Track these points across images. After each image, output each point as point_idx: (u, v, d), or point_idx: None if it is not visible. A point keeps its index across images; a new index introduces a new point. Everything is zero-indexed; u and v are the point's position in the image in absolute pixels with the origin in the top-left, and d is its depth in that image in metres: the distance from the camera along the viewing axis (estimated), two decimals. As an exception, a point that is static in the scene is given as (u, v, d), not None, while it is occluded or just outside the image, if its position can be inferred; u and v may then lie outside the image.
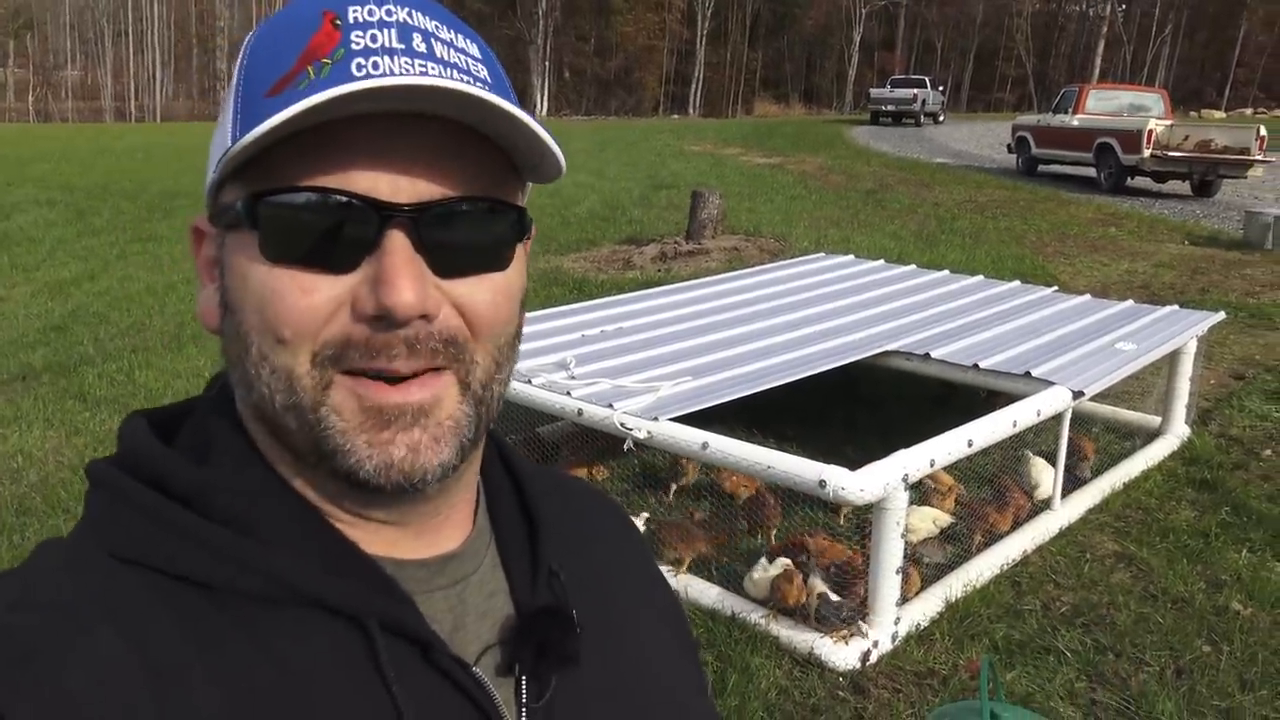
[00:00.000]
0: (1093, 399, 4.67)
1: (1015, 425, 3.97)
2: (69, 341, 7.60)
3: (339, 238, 0.56)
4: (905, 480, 3.39)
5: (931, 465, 3.55)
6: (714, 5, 70.40)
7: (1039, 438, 5.04)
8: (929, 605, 3.70)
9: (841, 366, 4.68)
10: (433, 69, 0.56)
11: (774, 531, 4.15)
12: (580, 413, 4.02)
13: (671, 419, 3.80)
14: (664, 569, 3.83)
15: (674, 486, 4.73)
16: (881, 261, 7.07)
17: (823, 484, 3.28)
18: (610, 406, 3.91)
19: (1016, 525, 4.32)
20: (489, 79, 0.60)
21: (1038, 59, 66.91)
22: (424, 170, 0.57)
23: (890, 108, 35.80)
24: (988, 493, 4.52)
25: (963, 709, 2.52)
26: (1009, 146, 19.91)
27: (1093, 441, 5.08)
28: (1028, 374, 4.38)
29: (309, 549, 0.60)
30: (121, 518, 0.59)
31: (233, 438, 0.63)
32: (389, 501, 0.62)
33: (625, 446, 3.92)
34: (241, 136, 0.55)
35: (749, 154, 22.33)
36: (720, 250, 10.43)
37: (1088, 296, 6.09)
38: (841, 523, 4.38)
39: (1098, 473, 4.89)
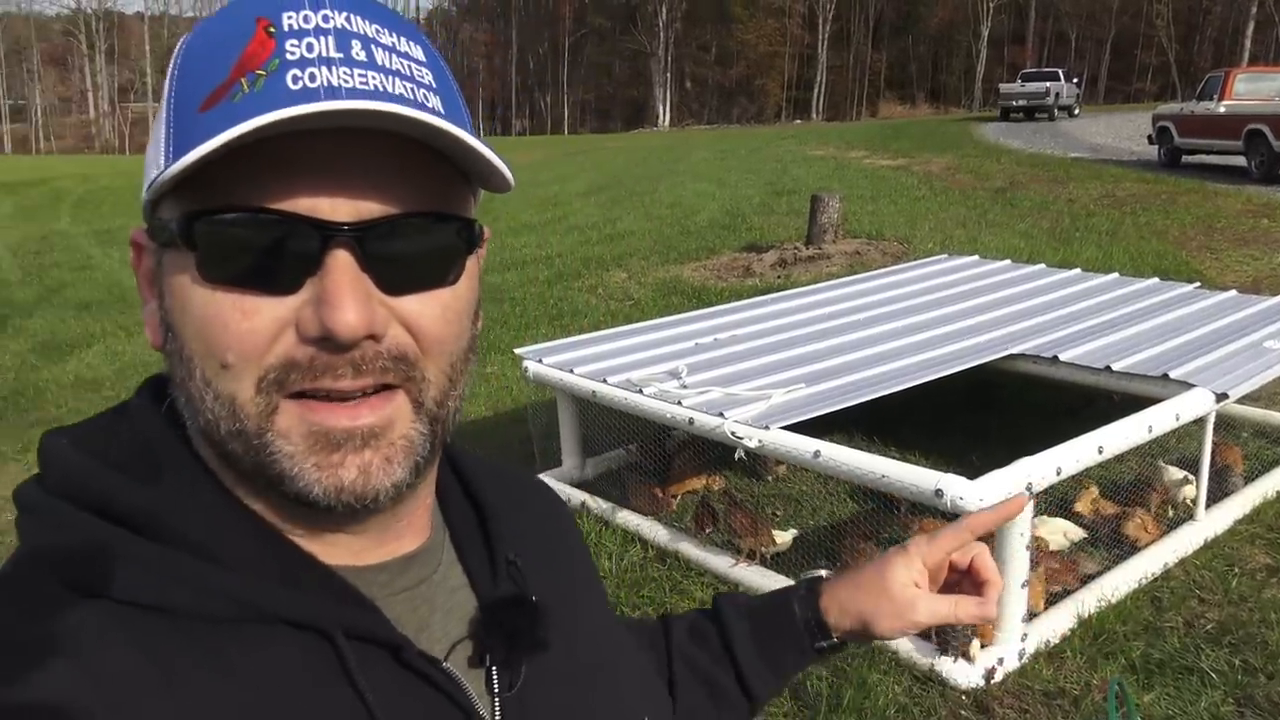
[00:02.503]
0: (1240, 401, 4.38)
1: (1151, 431, 3.75)
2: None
3: (280, 258, 0.54)
4: (1029, 489, 3.23)
5: (1058, 474, 3.37)
6: (835, 8, 69.55)
7: (1180, 444, 4.76)
8: (1059, 621, 3.51)
9: (964, 371, 4.51)
10: (374, 79, 0.54)
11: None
12: (691, 421, 3.98)
13: (783, 427, 3.72)
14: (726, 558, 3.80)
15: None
16: (1008, 261, 6.80)
17: (939, 493, 3.15)
18: (721, 415, 3.86)
19: (1152, 538, 4.07)
20: (433, 84, 0.58)
21: (1180, 45, 63.71)
22: (367, 187, 0.55)
23: (1021, 103, 34.58)
24: (1122, 503, 4.28)
25: (1091, 733, 2.37)
26: (1149, 138, 18.98)
27: (1240, 448, 4.76)
28: (1165, 376, 4.12)
29: (267, 566, 0.59)
30: (62, 545, 0.57)
31: (182, 456, 0.61)
32: (343, 519, 0.61)
33: (736, 455, 3.85)
34: (175, 157, 0.53)
35: (873, 157, 21.91)
36: (841, 255, 10.24)
37: (1234, 293, 5.72)
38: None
39: (1248, 480, 4.57)
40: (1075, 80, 39.08)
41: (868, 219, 12.46)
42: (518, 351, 5.04)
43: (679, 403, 4.05)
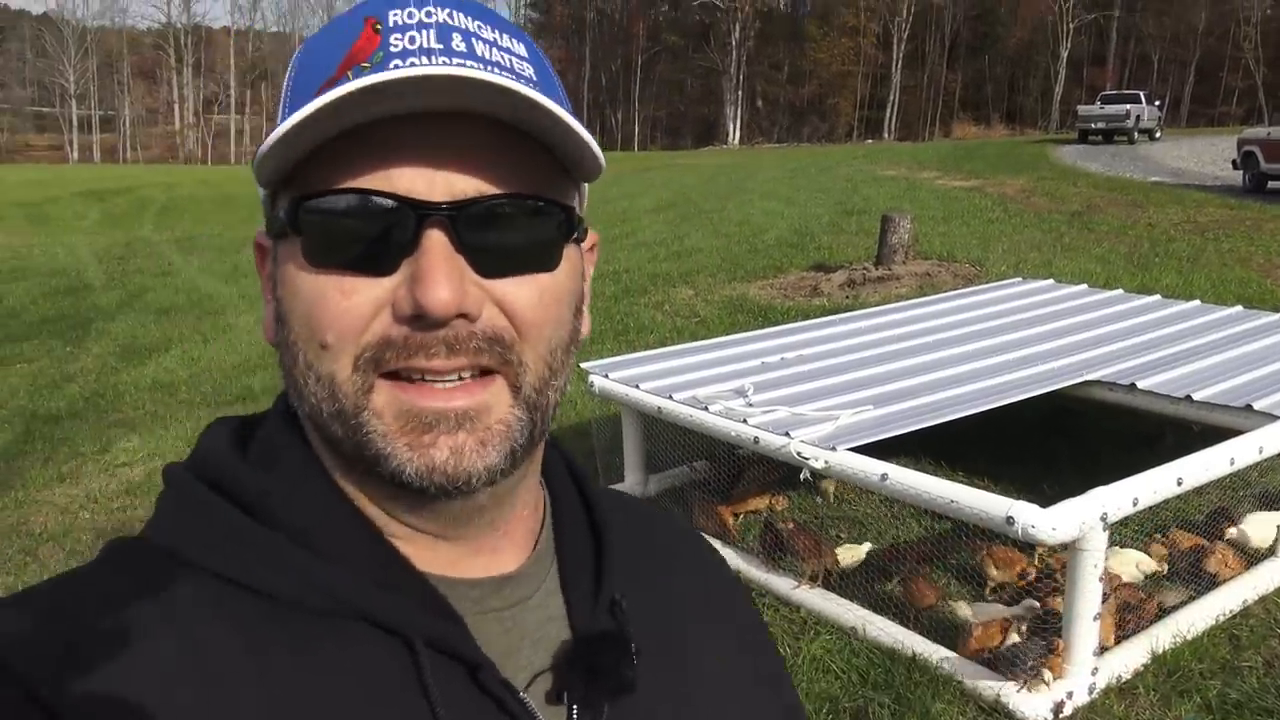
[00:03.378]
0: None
1: (1233, 463, 3.63)
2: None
3: (377, 238, 0.55)
4: (1104, 520, 3.14)
5: (1134, 504, 3.28)
6: (910, 27, 69.01)
7: (1264, 478, 4.61)
8: (1132, 656, 3.42)
9: (1037, 397, 4.42)
10: (472, 67, 0.55)
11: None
12: (757, 440, 3.95)
13: (850, 449, 3.68)
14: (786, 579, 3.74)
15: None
16: (1084, 286, 6.66)
17: (1010, 520, 3.08)
18: (787, 435, 3.83)
19: (1233, 573, 3.94)
20: (534, 77, 0.59)
21: (1269, 68, 61.89)
22: (463, 167, 0.56)
23: (1100, 125, 33.89)
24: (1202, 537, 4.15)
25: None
26: (1234, 162, 18.47)
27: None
28: (1249, 407, 4.00)
29: (361, 562, 0.59)
30: (184, 520, 0.60)
31: (295, 446, 0.63)
32: (439, 509, 0.61)
33: (801, 477, 3.82)
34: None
35: (945, 177, 21.63)
36: (911, 276, 10.12)
37: (1322, 323, 5.53)
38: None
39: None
40: (1157, 103, 38.22)
41: (939, 240, 12.30)
42: (584, 366, 5.06)
43: (745, 421, 4.03)
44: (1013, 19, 72.01)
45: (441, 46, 0.56)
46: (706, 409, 4.22)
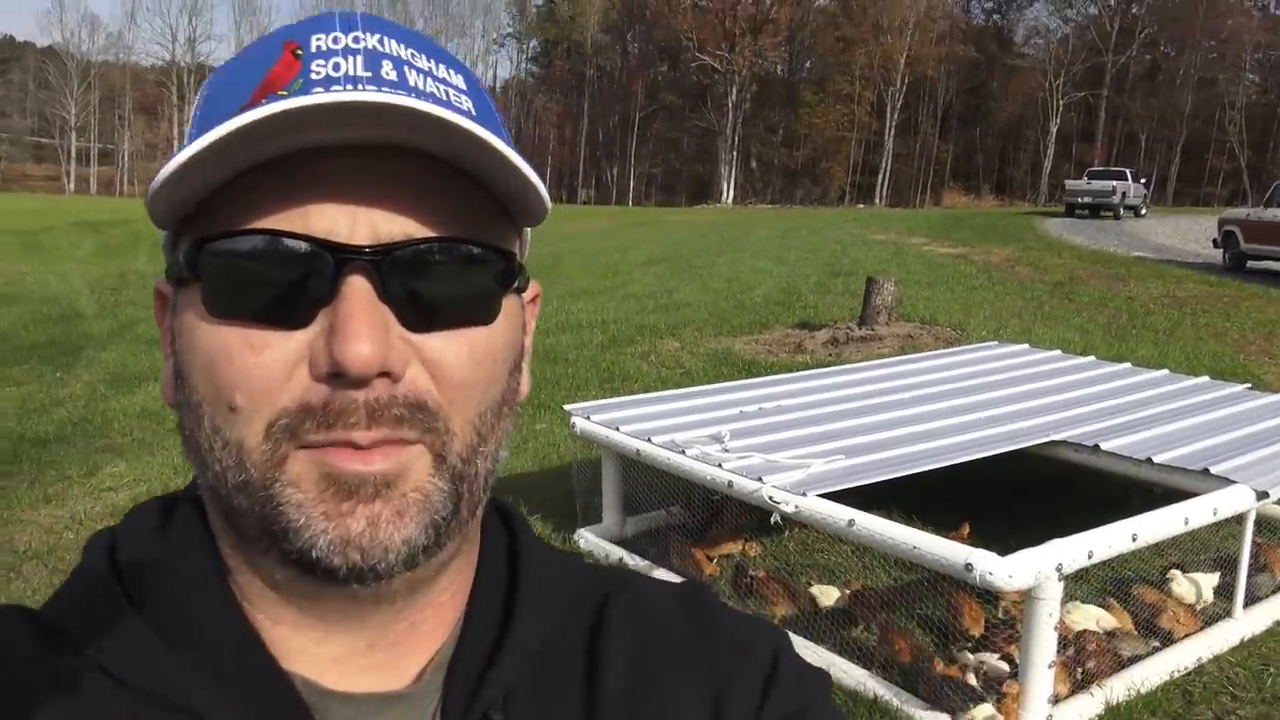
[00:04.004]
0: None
1: (1187, 523, 3.77)
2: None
3: (291, 286, 0.50)
4: (1059, 570, 3.27)
5: (1089, 557, 3.41)
6: (904, 97, 70.28)
7: (1226, 543, 4.74)
8: (1086, 706, 3.52)
9: (1006, 457, 4.56)
10: (401, 95, 0.49)
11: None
12: (730, 484, 4.08)
13: (820, 494, 3.80)
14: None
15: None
16: (1058, 352, 6.84)
17: (969, 567, 3.21)
18: (760, 480, 3.95)
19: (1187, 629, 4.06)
20: (472, 110, 0.53)
21: (1253, 152, 63.24)
22: (389, 207, 0.51)
23: (1087, 200, 34.48)
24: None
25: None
26: (1215, 241, 18.89)
27: (1283, 549, 4.72)
28: (1206, 471, 4.15)
29: (220, 655, 0.54)
30: (75, 596, 0.58)
31: (190, 521, 0.58)
32: (343, 595, 0.54)
33: (773, 520, 3.94)
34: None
35: (933, 244, 21.99)
36: (894, 337, 10.31)
37: (1285, 395, 5.71)
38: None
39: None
40: (1143, 180, 38.92)
41: (923, 304, 12.53)
42: (567, 407, 5.19)
43: (720, 465, 4.16)
44: (1004, 93, 73.45)
45: (370, 74, 0.50)
46: (684, 452, 4.35)
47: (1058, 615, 3.31)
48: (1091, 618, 4.14)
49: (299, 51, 0.51)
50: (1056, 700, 3.41)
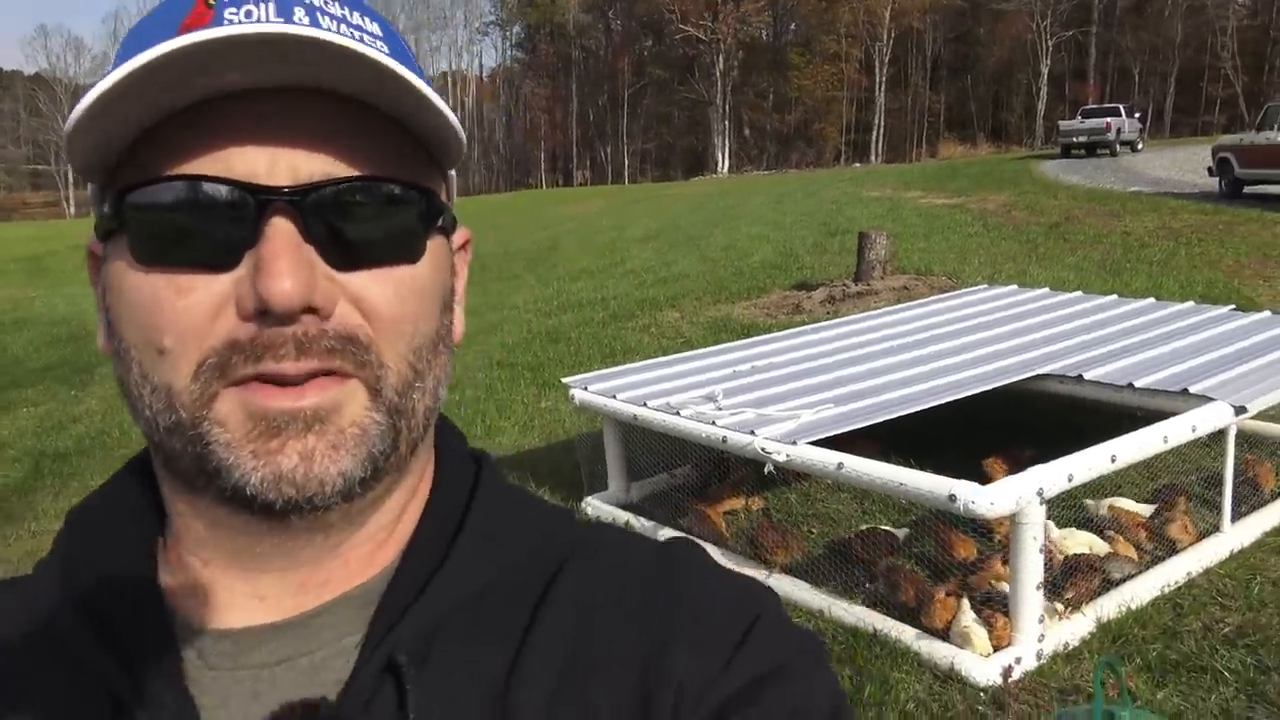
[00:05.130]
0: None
1: (1166, 441, 3.89)
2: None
3: (214, 229, 0.51)
4: (1040, 494, 3.40)
5: (1069, 480, 3.54)
6: (891, 51, 69.87)
7: (1215, 461, 4.86)
8: (1079, 625, 3.65)
9: (997, 395, 4.68)
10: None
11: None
12: (724, 440, 4.21)
13: (810, 442, 3.93)
14: (759, 570, 3.97)
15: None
16: (1046, 290, 6.94)
17: (953, 498, 3.34)
18: (752, 433, 4.09)
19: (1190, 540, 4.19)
20: (387, 51, 0.54)
21: (1249, 77, 62.67)
22: (308, 147, 0.52)
23: (1082, 139, 34.35)
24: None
25: (1082, 711, 2.54)
26: (1209, 169, 18.86)
27: (1272, 464, 4.84)
28: (1185, 391, 4.26)
29: (98, 593, 0.57)
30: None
31: (134, 465, 0.63)
32: (280, 529, 0.55)
33: (766, 470, 4.07)
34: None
35: (929, 196, 22.00)
36: (889, 290, 10.41)
37: (1267, 313, 5.80)
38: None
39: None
40: (1138, 115, 38.67)
41: (918, 255, 12.61)
42: (565, 380, 5.32)
43: (713, 423, 4.29)
44: (992, 38, 72.90)
45: (282, 20, 0.50)
46: (678, 414, 4.48)
47: (1042, 538, 3.44)
48: (1084, 543, 4.27)
49: (211, 1, 0.52)
50: (1043, 620, 3.54)
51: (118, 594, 0.57)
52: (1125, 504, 4.52)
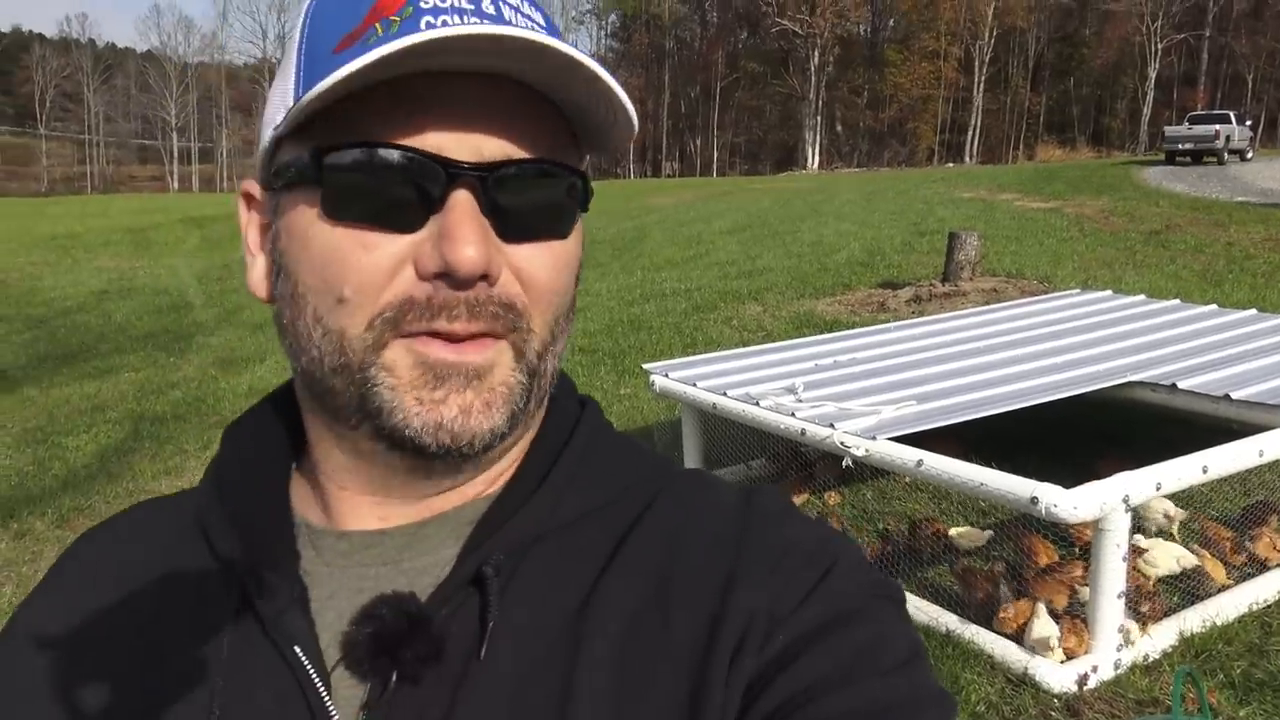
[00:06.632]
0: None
1: (1262, 455, 3.76)
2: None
3: (404, 195, 0.55)
4: (1126, 501, 3.32)
5: (1157, 489, 3.45)
6: (993, 50, 68.35)
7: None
8: (1160, 638, 3.57)
9: (1087, 403, 4.58)
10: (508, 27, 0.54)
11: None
12: (803, 432, 4.20)
13: (890, 438, 3.90)
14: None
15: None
16: (1142, 297, 6.75)
17: (1035, 500, 3.29)
18: (831, 426, 4.07)
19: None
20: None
21: (1371, 86, 59.93)
22: (493, 129, 0.57)
23: (1188, 146, 33.21)
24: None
25: (1159, 720, 2.49)
26: (1323, 181, 18.10)
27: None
28: (1285, 404, 4.12)
29: (239, 501, 0.65)
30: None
31: (278, 398, 0.70)
32: (420, 470, 0.61)
33: (844, 464, 4.05)
34: (307, 91, 0.53)
35: (1024, 199, 21.51)
36: (977, 292, 10.22)
37: (1377, 330, 5.57)
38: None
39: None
40: (1248, 123, 37.25)
41: (1009, 258, 12.36)
42: (645, 366, 5.36)
43: (793, 414, 4.28)
44: (1098, 40, 70.87)
45: (472, 7, 0.56)
46: (758, 404, 4.48)
47: (1125, 547, 3.36)
48: (1172, 556, 4.16)
49: None
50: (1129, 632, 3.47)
51: (254, 499, 0.64)
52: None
